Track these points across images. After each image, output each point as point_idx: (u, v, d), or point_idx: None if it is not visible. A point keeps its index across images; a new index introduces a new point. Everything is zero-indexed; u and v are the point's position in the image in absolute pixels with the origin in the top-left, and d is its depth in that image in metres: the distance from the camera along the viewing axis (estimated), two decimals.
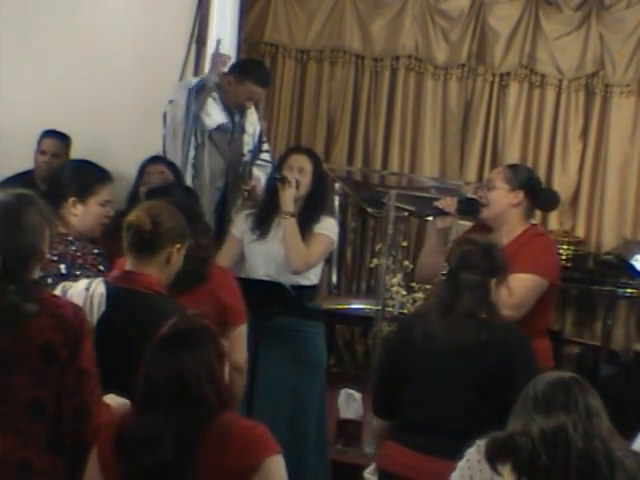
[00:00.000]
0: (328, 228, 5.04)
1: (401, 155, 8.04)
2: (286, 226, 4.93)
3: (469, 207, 4.94)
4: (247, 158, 6.22)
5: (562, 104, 7.88)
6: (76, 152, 6.15)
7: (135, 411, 2.91)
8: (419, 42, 8.02)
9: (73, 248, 4.03)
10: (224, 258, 5.03)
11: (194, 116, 5.95)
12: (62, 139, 6.17)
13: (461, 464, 2.95)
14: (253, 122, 6.27)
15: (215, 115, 6.04)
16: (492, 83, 7.97)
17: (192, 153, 5.98)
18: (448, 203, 4.83)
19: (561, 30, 7.85)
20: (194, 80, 6.12)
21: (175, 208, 3.66)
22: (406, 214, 6.84)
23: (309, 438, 4.99)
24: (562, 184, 7.80)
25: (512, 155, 7.70)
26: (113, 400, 3.24)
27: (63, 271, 3.99)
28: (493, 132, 7.94)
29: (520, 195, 4.67)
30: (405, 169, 8.02)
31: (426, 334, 3.78)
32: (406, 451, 3.77)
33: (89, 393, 3.11)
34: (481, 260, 3.82)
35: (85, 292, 3.49)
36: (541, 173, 7.83)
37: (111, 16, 6.59)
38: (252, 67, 6.24)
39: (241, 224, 5.14)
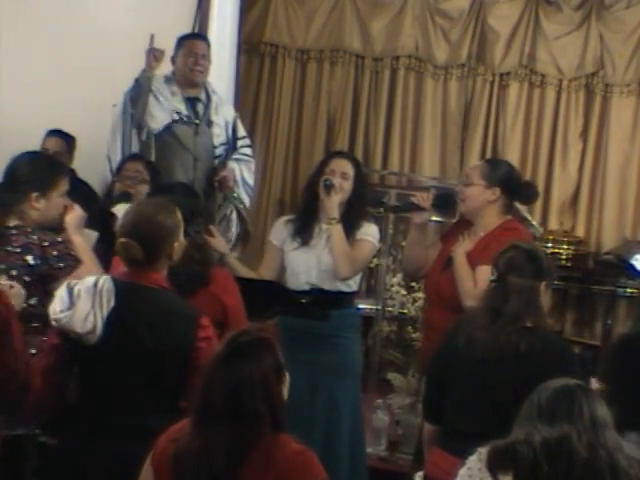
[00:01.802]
0: (370, 234, 4.96)
1: (401, 155, 8.04)
2: (333, 232, 4.85)
3: (445, 202, 4.96)
4: (221, 151, 6.16)
5: (562, 104, 7.88)
6: (77, 152, 6.15)
7: (191, 424, 2.85)
8: (419, 42, 8.02)
9: (35, 237, 4.03)
10: (268, 268, 5.01)
11: (132, 117, 5.92)
12: (66, 139, 6.15)
13: (462, 472, 2.93)
14: (222, 113, 6.18)
15: (160, 116, 6.00)
16: (492, 83, 7.97)
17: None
18: (423, 198, 4.85)
19: (561, 30, 7.86)
20: None
21: (164, 205, 3.65)
22: (381, 210, 6.82)
23: (343, 444, 4.92)
24: (562, 184, 7.82)
25: (512, 155, 7.69)
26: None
27: (31, 262, 3.98)
28: (493, 132, 7.94)
29: (497, 192, 4.67)
30: (405, 169, 8.02)
31: (469, 340, 3.77)
32: (448, 457, 3.71)
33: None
34: (526, 264, 3.80)
35: (94, 288, 3.47)
36: (541, 173, 7.85)
37: (111, 16, 6.59)
38: (184, 34, 6.21)
39: (280, 232, 5.05)
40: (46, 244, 4.00)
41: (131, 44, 6.43)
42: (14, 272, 3.93)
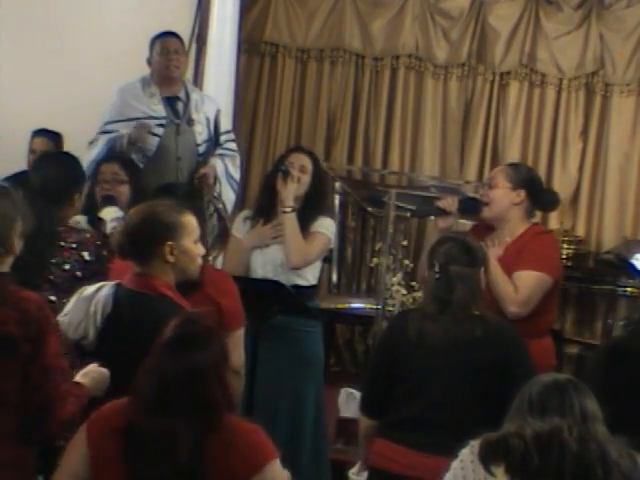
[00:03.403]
0: (325, 227, 5.03)
1: (401, 154, 8.04)
2: (286, 220, 4.92)
3: (470, 206, 4.96)
4: (204, 148, 6.15)
5: (562, 103, 7.88)
6: (75, 152, 6.15)
7: (143, 411, 2.85)
8: (419, 41, 8.02)
9: (88, 235, 4.05)
10: (234, 262, 5.04)
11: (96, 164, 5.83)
12: (52, 137, 6.12)
13: (454, 464, 2.95)
14: (203, 110, 6.17)
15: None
16: (492, 82, 7.97)
17: None
18: (449, 203, 4.87)
19: (561, 29, 7.86)
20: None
21: (166, 204, 3.65)
22: (408, 215, 6.84)
23: (306, 437, 5.00)
24: (562, 183, 7.80)
25: (512, 154, 7.70)
26: (88, 376, 3.28)
27: (87, 258, 4.02)
28: (493, 131, 7.94)
29: (522, 194, 4.72)
30: (405, 168, 8.02)
31: (421, 331, 3.80)
32: (398, 448, 3.78)
33: (54, 389, 3.11)
34: (461, 254, 3.86)
35: (95, 293, 3.51)
36: (541, 172, 7.82)
37: (111, 16, 6.62)
38: (156, 34, 6.18)
39: (241, 226, 5.13)
40: (99, 242, 4.02)
41: (131, 44, 6.46)
42: (67, 266, 3.94)
